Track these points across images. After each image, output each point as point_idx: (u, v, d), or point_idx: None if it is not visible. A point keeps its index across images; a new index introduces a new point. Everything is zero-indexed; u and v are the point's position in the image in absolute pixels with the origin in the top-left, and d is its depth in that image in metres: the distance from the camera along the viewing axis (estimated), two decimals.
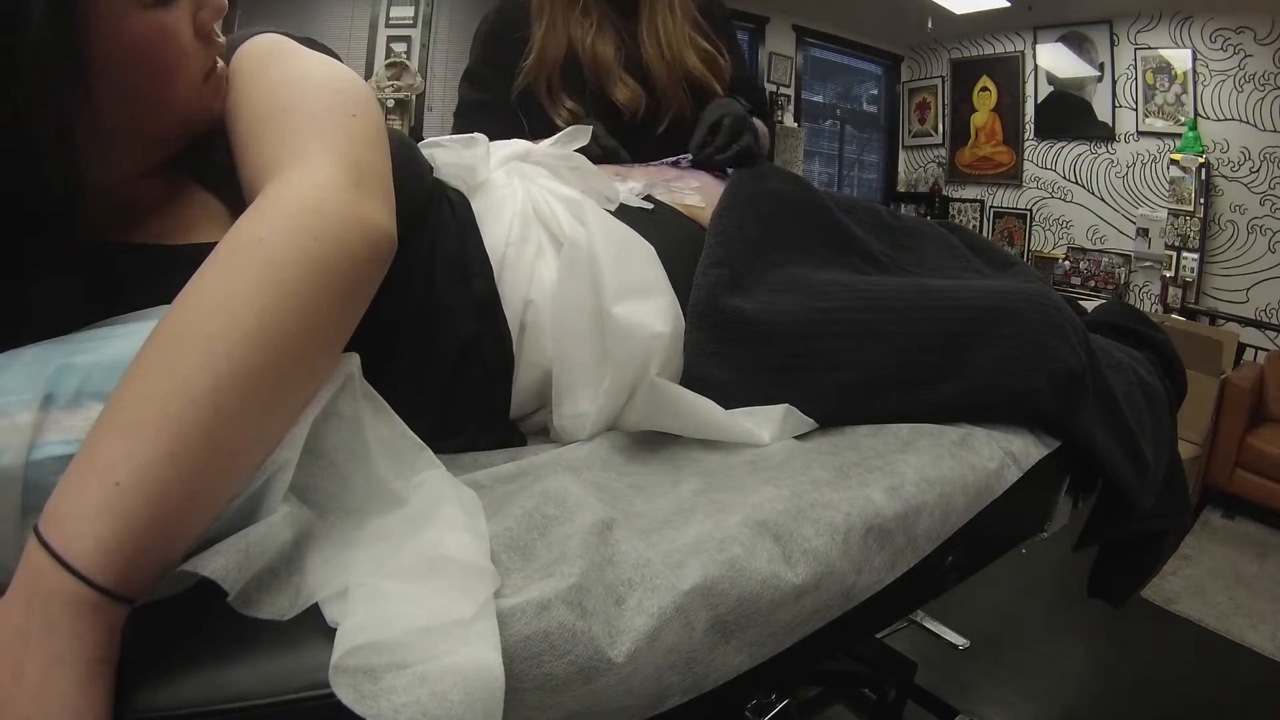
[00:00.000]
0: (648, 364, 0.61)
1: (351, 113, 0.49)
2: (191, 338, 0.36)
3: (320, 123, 0.48)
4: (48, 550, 0.31)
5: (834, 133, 4.98)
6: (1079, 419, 0.70)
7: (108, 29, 0.43)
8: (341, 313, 0.43)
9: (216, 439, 0.35)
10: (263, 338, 0.37)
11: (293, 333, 0.39)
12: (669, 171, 0.87)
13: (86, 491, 0.33)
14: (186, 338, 0.36)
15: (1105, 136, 4.05)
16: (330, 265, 0.41)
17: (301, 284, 0.39)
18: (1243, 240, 3.60)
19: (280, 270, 0.39)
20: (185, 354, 0.36)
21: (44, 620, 0.31)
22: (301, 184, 0.43)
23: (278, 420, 0.39)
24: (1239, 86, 3.54)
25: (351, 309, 0.44)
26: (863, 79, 5.12)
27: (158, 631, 0.35)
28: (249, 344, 0.37)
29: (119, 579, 0.32)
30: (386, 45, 3.13)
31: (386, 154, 0.51)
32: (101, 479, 0.32)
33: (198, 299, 0.38)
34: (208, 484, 0.36)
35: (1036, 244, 4.45)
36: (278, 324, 0.38)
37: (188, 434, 0.34)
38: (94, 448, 0.34)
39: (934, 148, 4.92)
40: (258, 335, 0.37)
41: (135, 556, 0.32)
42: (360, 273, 0.43)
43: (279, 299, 0.38)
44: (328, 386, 0.43)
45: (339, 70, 0.54)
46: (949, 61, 4.71)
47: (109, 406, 0.35)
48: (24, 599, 0.31)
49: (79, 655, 0.31)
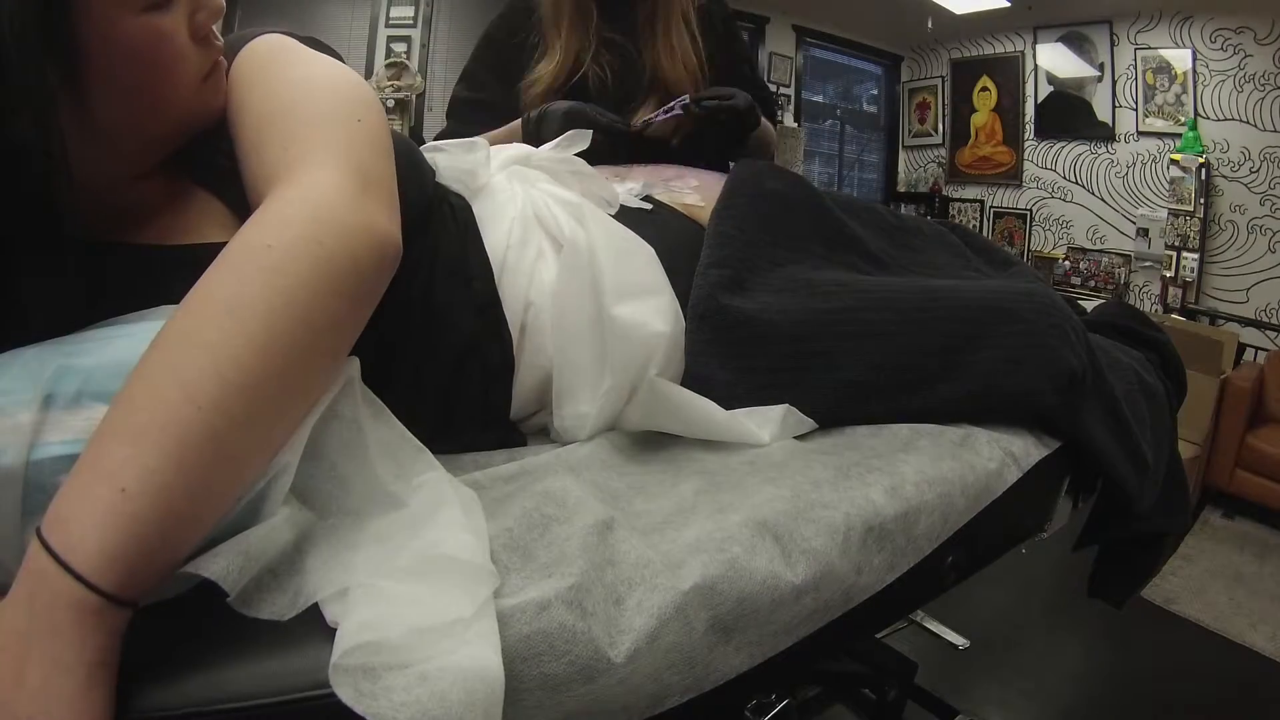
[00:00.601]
0: (648, 364, 0.61)
1: (357, 117, 0.49)
2: (198, 343, 0.36)
3: (326, 127, 0.48)
4: (50, 554, 0.31)
5: (834, 133, 4.98)
6: (1080, 418, 0.70)
7: (101, 32, 0.43)
8: (347, 319, 0.43)
9: (222, 445, 0.35)
10: (269, 345, 0.37)
11: (299, 340, 0.39)
12: (667, 171, 0.87)
13: (91, 496, 0.32)
14: (193, 342, 0.36)
15: (1105, 136, 4.05)
16: (336, 272, 0.41)
17: (308, 291, 0.39)
18: (1243, 240, 3.60)
19: (287, 278, 0.39)
20: (192, 359, 0.36)
21: (46, 624, 0.31)
22: (308, 190, 0.43)
23: (283, 425, 0.39)
24: (1239, 86, 3.54)
25: (356, 315, 0.44)
26: (863, 79, 5.13)
27: (158, 631, 0.36)
28: (256, 351, 0.37)
29: (121, 584, 0.32)
30: (386, 45, 3.13)
31: (391, 159, 0.51)
32: (106, 484, 0.32)
33: (204, 303, 0.38)
34: (212, 489, 0.36)
35: (1036, 244, 4.45)
36: (285, 331, 0.38)
37: (193, 440, 0.34)
38: (99, 451, 0.34)
39: (934, 148, 4.92)
40: (264, 342, 0.37)
41: (138, 562, 0.32)
42: (365, 279, 0.43)
43: (286, 306, 0.38)
44: (328, 391, 0.43)
45: (343, 72, 0.54)
46: (949, 61, 4.71)
47: (114, 409, 0.35)
48: (26, 602, 0.31)
49: (80, 659, 0.30)
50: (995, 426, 0.67)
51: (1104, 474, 0.75)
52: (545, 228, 0.66)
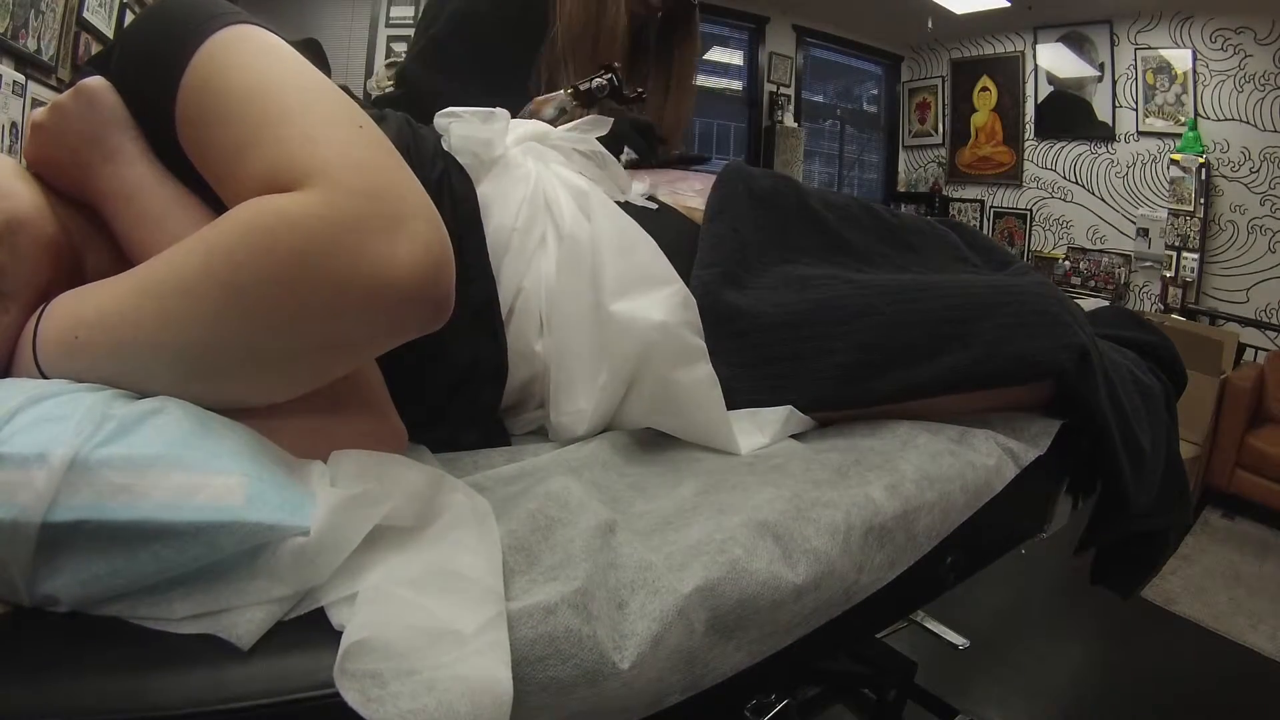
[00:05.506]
0: (646, 357, 0.61)
1: (358, 123, 0.45)
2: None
3: (323, 132, 0.43)
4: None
5: (834, 133, 4.99)
6: (1090, 382, 0.68)
7: None
8: (334, 364, 0.44)
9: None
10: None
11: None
12: (672, 173, 0.87)
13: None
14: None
15: (1105, 136, 4.05)
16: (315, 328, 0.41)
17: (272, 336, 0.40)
18: (1243, 240, 3.60)
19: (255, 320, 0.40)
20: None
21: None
22: (299, 215, 0.39)
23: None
24: (1239, 86, 3.54)
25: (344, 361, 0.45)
26: (863, 79, 5.13)
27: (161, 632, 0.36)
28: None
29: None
30: (386, 45, 3.13)
31: (403, 163, 0.45)
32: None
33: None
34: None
35: (1036, 244, 4.45)
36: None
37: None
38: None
39: (934, 148, 4.92)
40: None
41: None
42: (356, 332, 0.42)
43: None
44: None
45: (308, 70, 0.47)
46: (949, 61, 4.71)
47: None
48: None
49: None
50: (993, 424, 0.67)
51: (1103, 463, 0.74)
52: (551, 214, 0.66)
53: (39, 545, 0.34)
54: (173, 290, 0.40)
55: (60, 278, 0.48)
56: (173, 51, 0.46)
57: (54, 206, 0.50)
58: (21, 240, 0.46)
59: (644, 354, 0.59)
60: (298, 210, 0.39)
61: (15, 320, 0.46)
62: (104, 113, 0.50)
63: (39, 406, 0.38)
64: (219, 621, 0.36)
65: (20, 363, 0.45)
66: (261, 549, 0.37)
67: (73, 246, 0.51)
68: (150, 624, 0.36)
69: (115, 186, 0.50)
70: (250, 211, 0.40)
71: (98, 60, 0.55)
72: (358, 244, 0.39)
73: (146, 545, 0.35)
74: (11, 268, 0.46)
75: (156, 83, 0.47)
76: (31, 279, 0.47)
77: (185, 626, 0.36)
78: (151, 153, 0.50)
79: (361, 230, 0.39)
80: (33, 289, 0.47)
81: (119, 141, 0.50)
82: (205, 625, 0.36)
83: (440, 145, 0.65)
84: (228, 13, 0.47)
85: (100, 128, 0.50)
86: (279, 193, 0.40)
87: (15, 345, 0.46)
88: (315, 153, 0.41)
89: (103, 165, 0.50)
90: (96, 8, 1.90)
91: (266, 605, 0.36)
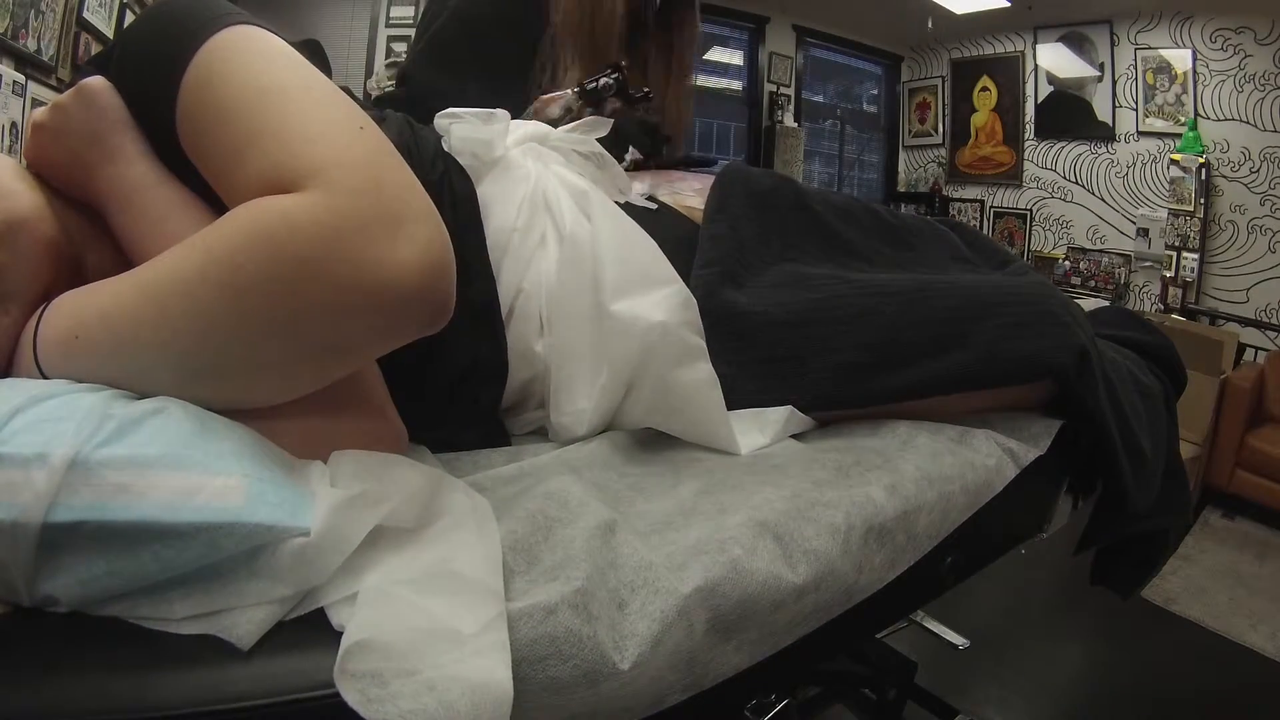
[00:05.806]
0: (646, 357, 0.61)
1: (359, 124, 0.44)
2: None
3: (324, 133, 0.43)
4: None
5: (834, 133, 4.99)
6: (1089, 382, 0.68)
7: None
8: (331, 367, 0.44)
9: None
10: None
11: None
12: (673, 173, 0.87)
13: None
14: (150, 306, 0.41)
15: (1105, 136, 4.05)
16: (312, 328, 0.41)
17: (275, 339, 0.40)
18: (1243, 240, 3.60)
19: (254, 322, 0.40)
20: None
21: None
22: (305, 221, 0.39)
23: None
24: (1239, 86, 3.54)
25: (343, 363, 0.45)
26: (863, 79, 5.13)
27: (161, 632, 0.36)
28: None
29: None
30: (387, 45, 3.13)
31: (404, 164, 0.45)
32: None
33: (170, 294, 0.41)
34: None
35: (1036, 244, 4.45)
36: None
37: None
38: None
39: (934, 148, 4.92)
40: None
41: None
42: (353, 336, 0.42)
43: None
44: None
45: (308, 70, 0.47)
46: (949, 61, 4.71)
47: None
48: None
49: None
50: (993, 425, 0.67)
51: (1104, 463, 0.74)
52: (551, 215, 0.66)
53: (39, 546, 0.34)
54: (173, 291, 0.40)
55: (60, 278, 0.48)
56: (173, 52, 0.46)
57: (54, 206, 0.50)
58: (22, 240, 0.46)
59: (644, 354, 0.59)
60: (298, 211, 0.39)
61: (15, 320, 0.46)
62: (104, 113, 0.50)
63: (39, 407, 0.38)
64: (219, 622, 0.36)
65: (20, 363, 0.45)
66: (261, 549, 0.37)
67: (73, 246, 0.51)
68: (150, 624, 0.36)
69: (115, 187, 0.50)
70: (251, 213, 0.40)
71: (98, 60, 0.55)
72: (358, 245, 0.39)
73: (147, 545, 0.35)
74: (12, 268, 0.46)
75: (157, 83, 0.47)
76: (32, 279, 0.47)
77: (185, 627, 0.36)
78: (152, 153, 0.50)
79: (362, 232, 0.39)
80: (33, 289, 0.47)
81: (119, 142, 0.50)
82: (205, 625, 0.36)
83: (441, 146, 0.65)
84: (228, 13, 0.47)
85: (100, 128, 0.50)
86: (279, 194, 0.40)
87: (15, 345, 0.46)
88: (316, 154, 0.41)
89: (103, 165, 0.50)
90: (96, 8, 1.90)
91: (267, 606, 0.36)
